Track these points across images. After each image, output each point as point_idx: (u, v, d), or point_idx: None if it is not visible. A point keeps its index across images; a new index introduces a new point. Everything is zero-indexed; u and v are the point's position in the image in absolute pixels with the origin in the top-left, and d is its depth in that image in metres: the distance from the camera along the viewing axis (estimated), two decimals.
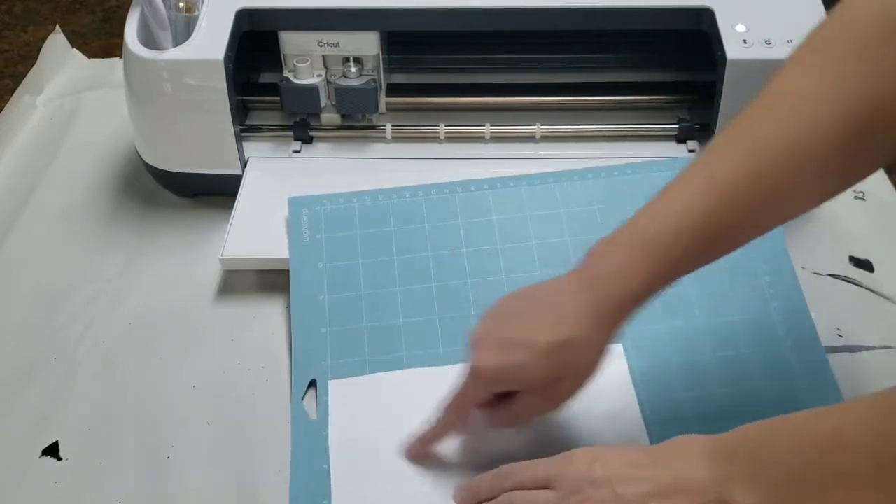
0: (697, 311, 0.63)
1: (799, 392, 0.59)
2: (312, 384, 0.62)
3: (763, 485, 0.43)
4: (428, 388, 0.60)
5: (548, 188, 0.71)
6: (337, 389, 0.61)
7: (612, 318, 0.50)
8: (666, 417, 0.58)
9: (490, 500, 0.51)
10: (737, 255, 0.64)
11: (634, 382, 0.60)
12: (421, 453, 0.57)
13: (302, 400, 0.61)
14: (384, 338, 0.63)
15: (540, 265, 0.66)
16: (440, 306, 0.65)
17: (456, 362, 0.61)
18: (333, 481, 0.56)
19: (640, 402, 0.59)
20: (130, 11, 0.73)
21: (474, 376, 0.52)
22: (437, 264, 0.67)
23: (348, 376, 0.62)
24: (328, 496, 0.56)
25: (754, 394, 0.59)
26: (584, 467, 0.48)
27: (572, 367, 0.51)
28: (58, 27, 1.00)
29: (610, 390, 0.59)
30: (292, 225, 0.70)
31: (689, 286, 0.62)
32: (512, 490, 0.50)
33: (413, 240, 0.68)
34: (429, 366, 0.62)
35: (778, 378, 0.60)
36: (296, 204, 0.71)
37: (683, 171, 0.50)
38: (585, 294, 0.50)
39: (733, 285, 0.64)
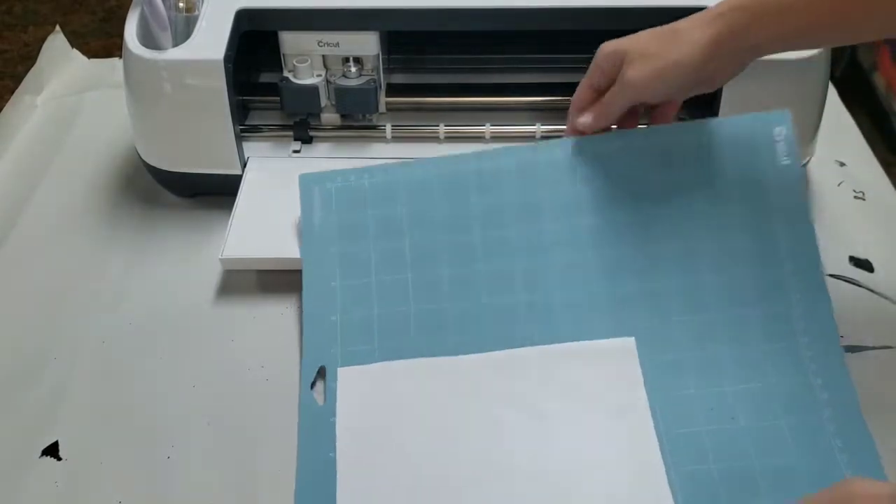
0: (714, 303, 0.62)
1: (815, 390, 0.58)
2: (321, 371, 0.62)
3: None
4: (437, 379, 0.60)
5: (569, 160, 0.66)
6: (346, 377, 0.61)
7: (731, 49, 0.60)
8: (675, 415, 0.58)
9: None
10: (759, 241, 0.62)
11: (646, 382, 0.59)
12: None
13: (311, 387, 0.61)
14: (394, 325, 0.63)
15: (555, 252, 0.64)
16: (451, 294, 0.64)
17: (465, 352, 0.61)
18: (339, 470, 0.56)
19: (652, 407, 0.58)
20: (130, 11, 0.73)
21: (625, 86, 0.62)
22: (448, 249, 0.65)
23: (357, 364, 0.61)
24: (333, 485, 0.56)
25: (766, 391, 0.59)
26: None
27: (675, 48, 0.61)
28: (58, 27, 1.00)
29: (619, 391, 0.59)
30: (303, 204, 0.68)
31: (705, 276, 0.62)
32: None
33: (425, 222, 0.66)
34: (438, 355, 0.61)
35: (792, 375, 0.59)
36: (306, 181, 0.69)
37: None
38: (707, 24, 0.60)
39: (753, 273, 0.62)
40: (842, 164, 0.82)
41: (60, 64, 0.98)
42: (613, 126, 0.67)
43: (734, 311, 0.61)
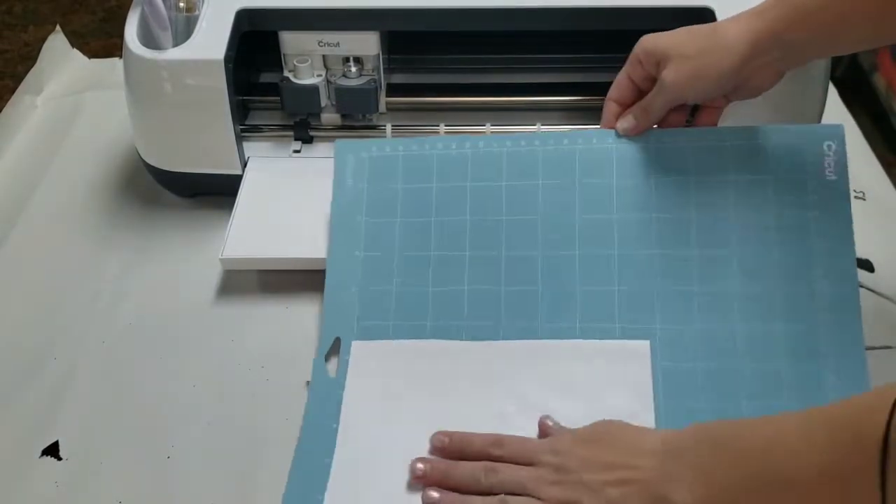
0: (738, 314, 0.60)
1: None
2: (336, 342, 0.62)
3: (704, 486, 0.46)
4: (447, 363, 0.61)
5: (605, 150, 0.65)
6: (359, 351, 0.62)
7: (768, 50, 0.60)
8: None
9: (473, 460, 0.55)
10: (795, 253, 0.61)
11: (655, 386, 0.58)
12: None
13: (325, 356, 0.62)
14: (412, 304, 0.63)
15: (580, 244, 0.63)
16: (471, 277, 0.63)
17: (479, 338, 0.62)
18: (339, 441, 0.57)
19: (657, 409, 0.57)
20: (130, 11, 0.73)
21: (664, 88, 0.62)
22: (474, 230, 0.64)
23: (372, 339, 0.62)
24: (331, 455, 0.57)
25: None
26: (562, 451, 0.52)
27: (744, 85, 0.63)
28: (58, 27, 1.00)
29: (627, 392, 0.58)
30: (337, 171, 0.68)
31: (736, 287, 0.60)
32: (499, 460, 0.54)
33: (453, 200, 0.65)
34: (452, 338, 0.62)
35: (814, 399, 0.57)
36: (342, 149, 0.69)
37: None
38: (746, 23, 0.60)
39: (784, 289, 0.60)
40: None
41: (60, 64, 0.98)
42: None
43: (758, 325, 0.59)
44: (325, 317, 0.64)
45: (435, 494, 0.54)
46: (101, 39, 2.05)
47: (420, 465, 0.55)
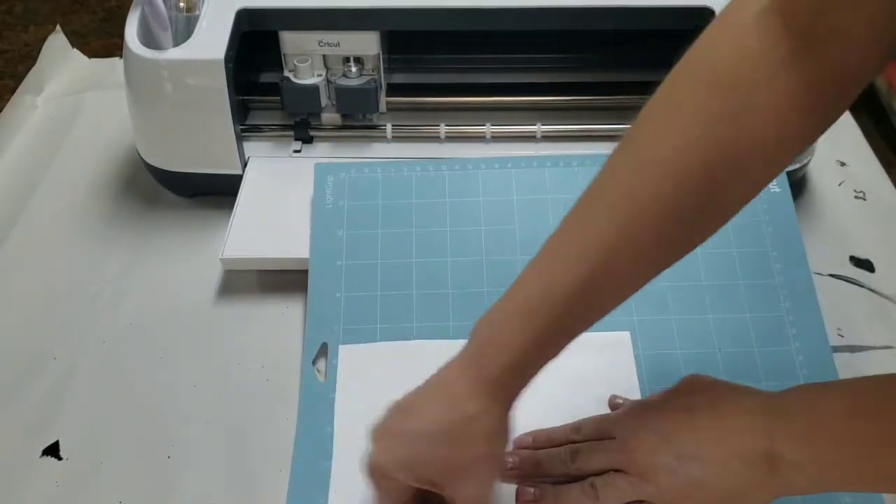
0: (709, 305, 0.64)
1: None
2: (323, 348, 0.63)
3: (813, 443, 0.44)
4: (434, 361, 0.61)
5: (571, 171, 0.71)
6: (346, 354, 0.63)
7: (503, 391, 0.48)
8: None
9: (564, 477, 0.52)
10: (752, 252, 0.65)
11: (639, 372, 0.61)
12: None
13: (313, 362, 0.62)
14: (396, 307, 0.65)
15: None
16: (453, 282, 0.66)
17: (464, 337, 0.62)
18: (336, 445, 0.58)
19: (643, 393, 0.60)
20: (130, 11, 0.73)
21: (371, 474, 0.50)
22: (454, 240, 0.68)
23: (359, 342, 0.63)
24: (329, 458, 0.57)
25: None
26: (650, 450, 0.49)
27: (473, 447, 0.48)
28: (58, 27, 1.00)
29: (614, 379, 0.60)
30: (316, 191, 0.71)
31: (702, 280, 0.65)
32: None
33: (433, 214, 0.69)
34: (438, 338, 0.63)
35: (783, 378, 0.60)
36: (321, 171, 0.72)
37: (552, 238, 0.49)
38: (472, 370, 0.48)
39: (747, 282, 0.65)
40: (842, 164, 0.82)
41: (61, 64, 0.98)
42: None
43: (728, 314, 0.63)
44: (309, 323, 0.65)
45: (531, 490, 0.52)
46: (102, 39, 2.05)
47: (510, 459, 0.53)
